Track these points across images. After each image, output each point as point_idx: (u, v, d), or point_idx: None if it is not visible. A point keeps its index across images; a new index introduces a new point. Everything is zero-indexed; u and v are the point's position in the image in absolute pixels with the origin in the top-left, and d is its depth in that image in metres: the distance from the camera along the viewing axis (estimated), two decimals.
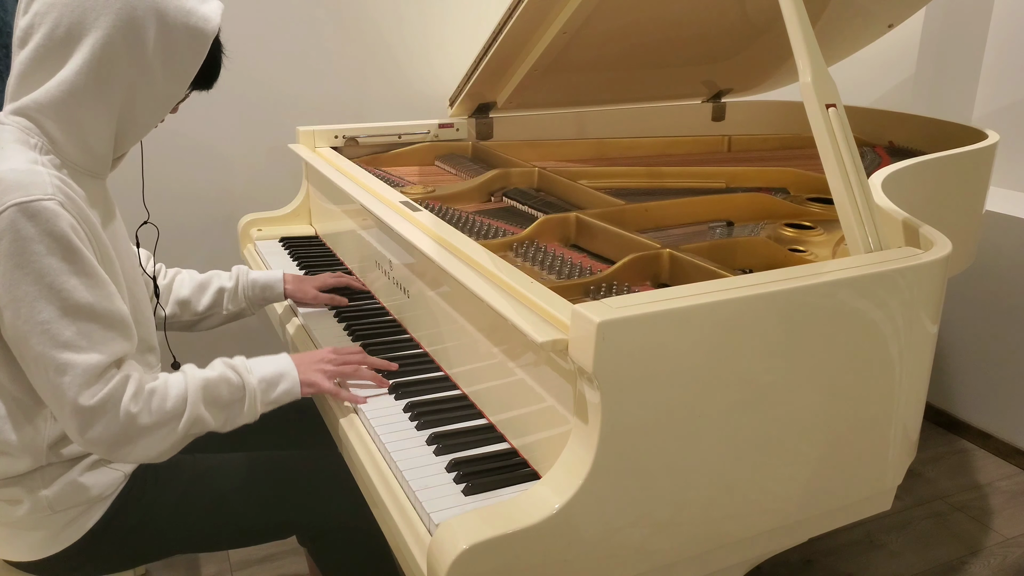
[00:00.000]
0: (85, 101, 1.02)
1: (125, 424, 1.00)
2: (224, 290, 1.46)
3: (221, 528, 1.24)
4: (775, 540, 1.07)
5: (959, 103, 2.73)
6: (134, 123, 1.09)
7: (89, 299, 0.98)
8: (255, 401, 1.13)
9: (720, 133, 2.34)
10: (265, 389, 1.15)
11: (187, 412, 1.06)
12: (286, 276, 1.53)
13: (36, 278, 0.95)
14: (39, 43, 1.00)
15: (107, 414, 0.99)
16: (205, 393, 1.08)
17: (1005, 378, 2.42)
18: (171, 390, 1.05)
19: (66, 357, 0.96)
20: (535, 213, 1.58)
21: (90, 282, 0.98)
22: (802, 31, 1.13)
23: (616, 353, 0.85)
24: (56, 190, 0.97)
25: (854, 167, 1.11)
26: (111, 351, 1.00)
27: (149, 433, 1.03)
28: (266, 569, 1.90)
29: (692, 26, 1.97)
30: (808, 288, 0.96)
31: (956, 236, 1.29)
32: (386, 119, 2.24)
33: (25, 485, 1.09)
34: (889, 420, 1.10)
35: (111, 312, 1.00)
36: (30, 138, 1.02)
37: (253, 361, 1.17)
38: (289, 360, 1.19)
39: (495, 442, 1.10)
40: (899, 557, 1.99)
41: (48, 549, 1.13)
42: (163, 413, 1.04)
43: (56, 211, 0.96)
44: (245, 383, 1.13)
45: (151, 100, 1.08)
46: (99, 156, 1.08)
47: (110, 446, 1.01)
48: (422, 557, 0.90)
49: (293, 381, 1.17)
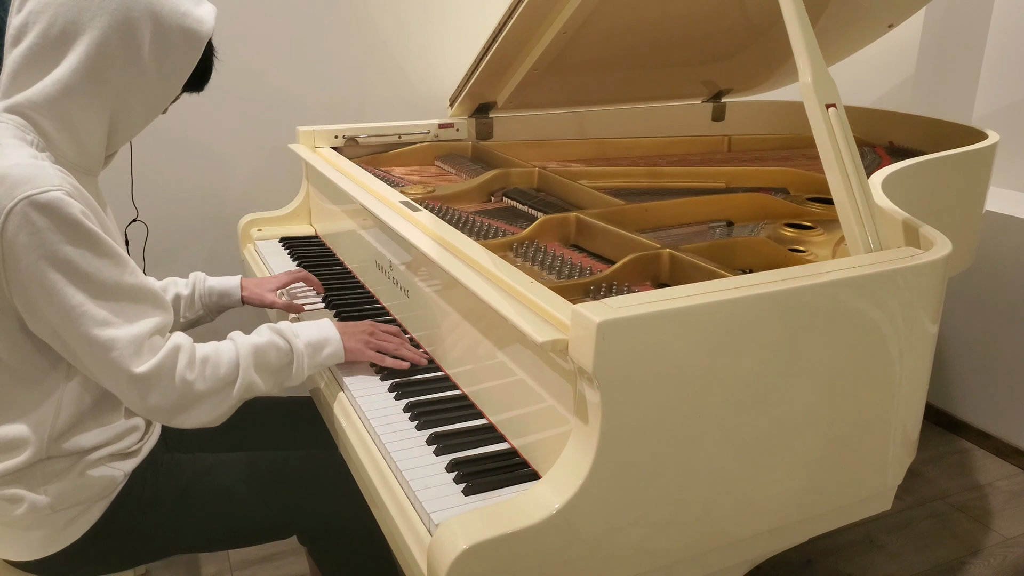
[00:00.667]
0: (79, 100, 1.03)
1: (182, 391, 1.05)
2: (180, 297, 1.45)
3: (221, 527, 1.24)
4: (775, 540, 1.07)
5: (959, 103, 2.73)
6: (127, 122, 1.10)
7: (114, 278, 1.01)
8: (303, 364, 1.18)
9: (720, 133, 2.34)
10: (312, 353, 1.20)
11: (240, 378, 1.10)
12: (243, 282, 1.51)
13: (60, 266, 0.97)
14: (33, 41, 1.01)
15: (163, 381, 1.03)
16: (256, 359, 1.13)
17: (1005, 378, 2.42)
18: (223, 357, 1.10)
19: (109, 333, 0.99)
20: (535, 213, 1.58)
21: (111, 262, 1.01)
22: (802, 31, 1.12)
23: (616, 353, 0.85)
24: (62, 180, 0.99)
25: (854, 167, 1.11)
26: (147, 321, 1.03)
27: (205, 399, 1.08)
28: (266, 569, 1.90)
29: (692, 26, 1.97)
30: (808, 288, 0.96)
31: (956, 236, 1.29)
32: (386, 119, 2.24)
33: (25, 483, 1.09)
34: (889, 420, 1.10)
35: (137, 286, 1.03)
36: (26, 135, 1.03)
37: (298, 325, 1.22)
38: (332, 326, 1.25)
39: (495, 442, 1.10)
40: (899, 557, 1.99)
41: (48, 548, 1.13)
42: (217, 380, 1.08)
43: (66, 200, 0.97)
44: (293, 347, 1.18)
45: (144, 100, 1.09)
46: (92, 154, 1.09)
47: (170, 412, 1.06)
48: (422, 557, 0.90)
49: (337, 344, 1.23)
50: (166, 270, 2.16)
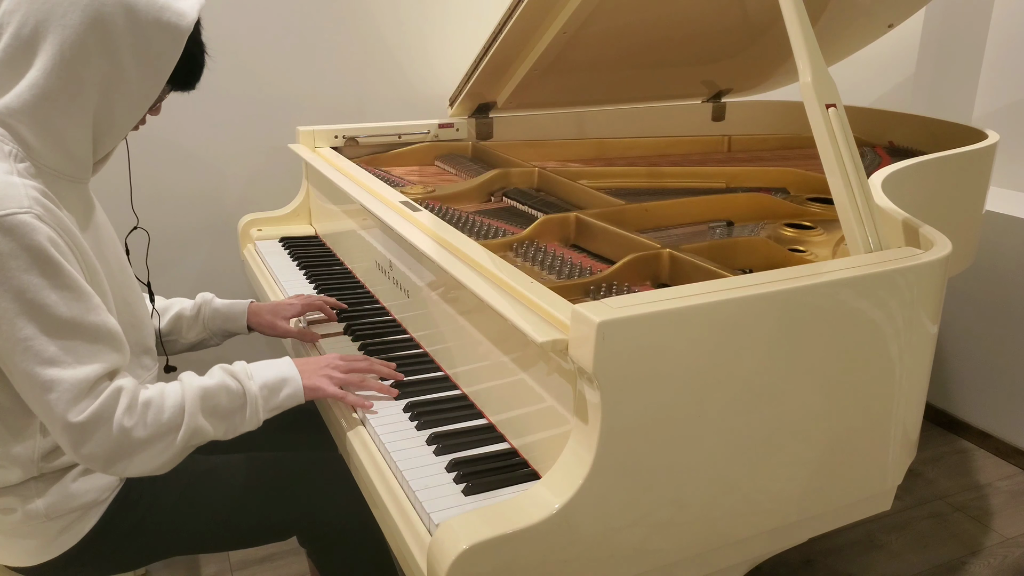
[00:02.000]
0: (58, 103, 0.99)
1: (119, 439, 0.97)
2: (182, 317, 1.39)
3: (220, 529, 1.23)
4: (775, 540, 1.07)
5: (959, 103, 2.73)
6: (111, 124, 1.05)
7: (71, 313, 0.95)
8: (257, 408, 1.11)
9: (720, 133, 2.34)
10: (267, 396, 1.12)
11: (185, 423, 1.02)
12: (253, 308, 1.43)
13: (15, 295, 0.92)
14: (7, 43, 0.98)
15: (100, 429, 0.96)
16: (203, 402, 1.05)
17: (1005, 378, 2.42)
18: (167, 401, 1.02)
19: (51, 373, 0.93)
20: (535, 213, 1.58)
21: (71, 295, 0.95)
22: (802, 31, 1.12)
23: (616, 353, 0.85)
24: (33, 202, 0.95)
25: (854, 167, 1.11)
26: (99, 365, 0.97)
27: (146, 447, 1.00)
28: (266, 569, 1.90)
29: (692, 26, 1.97)
30: (808, 288, 0.96)
31: (956, 236, 1.29)
32: (386, 119, 2.24)
33: (18, 494, 1.08)
34: (889, 420, 1.10)
35: (96, 325, 0.97)
36: (4, 145, 0.98)
37: (254, 366, 1.13)
38: (291, 364, 1.16)
39: (495, 442, 1.10)
40: (899, 557, 1.99)
41: (44, 555, 1.12)
42: (159, 426, 1.00)
43: (33, 224, 0.93)
44: (246, 390, 1.10)
45: (127, 99, 1.04)
46: (78, 160, 1.05)
47: (106, 461, 0.98)
48: (422, 557, 0.90)
49: (296, 386, 1.14)
50: (167, 272, 2.16)
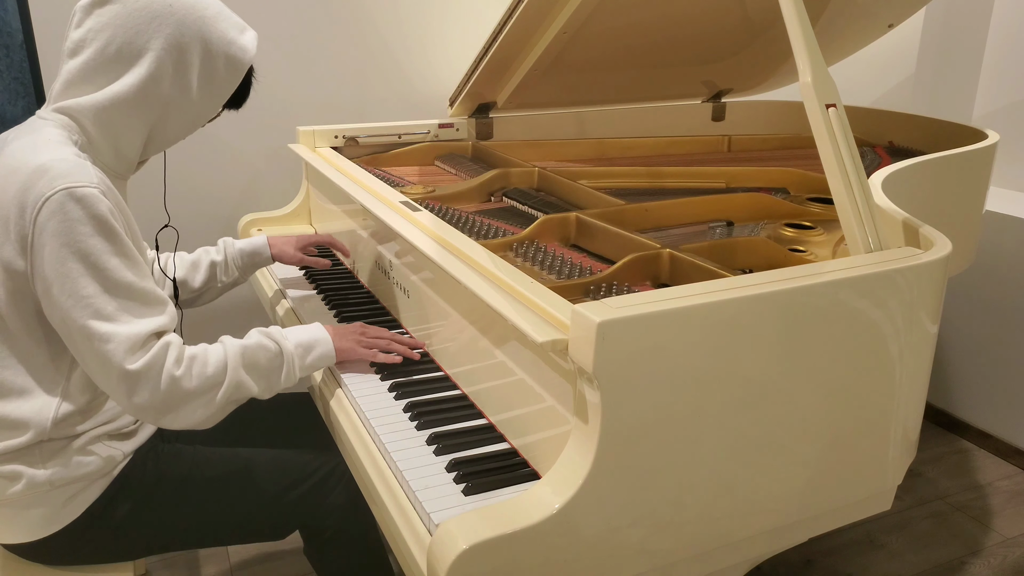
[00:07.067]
0: (125, 111, 1.10)
1: (169, 388, 1.05)
2: (216, 264, 1.52)
3: (220, 519, 1.25)
4: (775, 540, 1.07)
5: (959, 103, 2.73)
6: (164, 135, 1.17)
7: (128, 278, 1.04)
8: (293, 365, 1.19)
9: (720, 133, 2.34)
10: (302, 354, 1.21)
11: (228, 377, 1.11)
12: (270, 240, 1.59)
13: (82, 256, 1.01)
14: (90, 57, 1.08)
15: (152, 379, 1.04)
16: (244, 359, 1.13)
17: (1005, 378, 2.42)
18: (211, 356, 1.11)
19: (109, 327, 1.02)
20: (535, 213, 1.58)
21: (128, 262, 1.05)
22: (802, 31, 1.12)
23: (616, 353, 0.85)
24: (99, 180, 1.05)
25: (854, 167, 1.11)
26: (151, 321, 1.06)
27: (193, 398, 1.08)
28: (266, 569, 1.90)
29: (692, 26, 1.97)
30: (808, 288, 0.96)
31: (956, 236, 1.29)
32: (386, 119, 2.24)
33: (23, 460, 1.11)
34: (889, 420, 1.10)
35: (148, 290, 1.07)
36: (71, 135, 1.09)
37: (288, 329, 1.23)
38: (322, 328, 1.26)
39: (495, 442, 1.10)
40: (899, 557, 1.99)
41: (47, 528, 1.14)
42: (205, 378, 1.09)
43: (99, 197, 1.03)
44: (282, 348, 1.18)
45: (184, 117, 1.16)
46: (127, 160, 1.16)
47: (157, 410, 1.06)
48: (422, 557, 0.90)
49: (328, 347, 1.24)
50: None
